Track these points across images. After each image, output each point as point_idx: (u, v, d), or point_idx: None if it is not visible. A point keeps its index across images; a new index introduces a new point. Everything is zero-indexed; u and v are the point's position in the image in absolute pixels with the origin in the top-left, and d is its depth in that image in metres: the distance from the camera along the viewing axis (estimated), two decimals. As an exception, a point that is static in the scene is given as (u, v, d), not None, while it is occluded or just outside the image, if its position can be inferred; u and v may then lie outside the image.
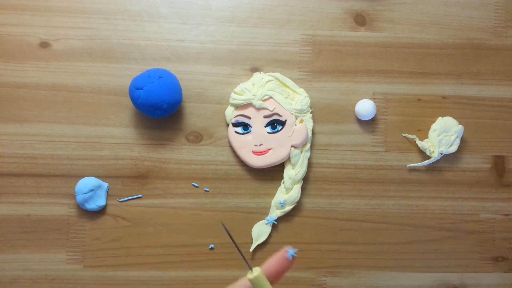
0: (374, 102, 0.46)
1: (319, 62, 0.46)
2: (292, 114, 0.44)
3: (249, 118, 0.44)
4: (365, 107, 0.45)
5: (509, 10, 0.48)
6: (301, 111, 0.44)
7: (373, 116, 0.45)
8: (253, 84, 0.44)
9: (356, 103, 0.46)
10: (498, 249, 0.47)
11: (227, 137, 0.45)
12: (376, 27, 0.47)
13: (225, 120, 0.45)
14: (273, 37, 0.46)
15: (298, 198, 0.44)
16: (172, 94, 0.42)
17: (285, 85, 0.45)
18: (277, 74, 0.45)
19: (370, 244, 0.46)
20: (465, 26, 0.47)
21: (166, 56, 0.45)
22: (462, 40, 0.47)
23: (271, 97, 0.44)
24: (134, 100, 0.41)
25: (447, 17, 0.47)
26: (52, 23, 0.45)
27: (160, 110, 0.41)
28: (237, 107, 0.45)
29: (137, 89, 0.41)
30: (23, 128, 0.44)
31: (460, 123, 0.46)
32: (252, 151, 0.44)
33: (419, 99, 0.47)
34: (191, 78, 0.45)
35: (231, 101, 0.44)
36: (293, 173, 0.44)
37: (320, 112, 0.46)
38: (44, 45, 0.45)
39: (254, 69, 0.46)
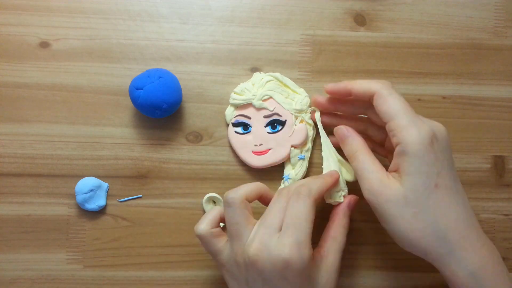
0: (374, 102, 0.46)
1: (319, 62, 0.46)
2: (292, 114, 0.44)
3: (249, 118, 0.44)
4: None
5: (509, 10, 0.48)
6: (301, 111, 0.44)
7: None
8: (253, 84, 0.44)
9: (356, 103, 0.46)
10: (498, 249, 0.47)
11: (227, 137, 0.45)
12: (376, 27, 0.47)
13: (225, 120, 0.45)
14: (273, 37, 0.46)
15: (298, 198, 0.44)
16: (172, 94, 0.42)
17: (285, 85, 0.45)
18: (277, 74, 0.45)
19: (370, 244, 0.46)
20: (465, 26, 0.47)
21: (166, 56, 0.45)
22: (462, 40, 0.47)
23: (271, 97, 0.44)
24: (134, 100, 0.41)
25: (447, 17, 0.47)
26: (52, 23, 0.45)
27: (160, 110, 0.41)
28: (237, 107, 0.45)
29: (137, 89, 0.41)
30: (23, 128, 0.44)
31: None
32: (252, 151, 0.44)
33: (419, 99, 0.47)
34: (191, 78, 0.45)
35: (231, 101, 0.44)
36: (293, 173, 0.44)
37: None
38: (44, 45, 0.45)
39: (254, 69, 0.46)
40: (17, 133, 0.44)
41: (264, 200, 0.39)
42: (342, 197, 0.40)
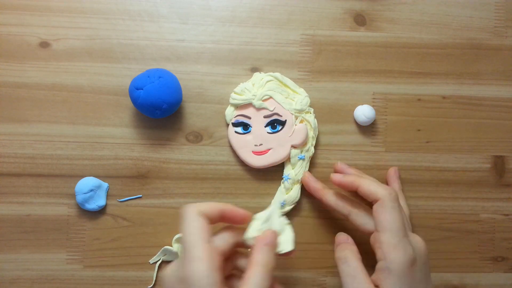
0: (374, 102, 0.46)
1: (319, 62, 0.46)
2: (292, 114, 0.44)
3: (249, 118, 0.44)
4: (365, 113, 0.44)
5: (509, 10, 0.48)
6: (301, 111, 0.44)
7: (372, 121, 0.45)
8: (253, 84, 0.44)
9: (355, 103, 0.46)
10: (498, 249, 0.47)
11: (227, 137, 0.45)
12: (376, 27, 0.47)
13: (225, 120, 0.45)
14: (273, 37, 0.46)
15: (298, 198, 0.44)
16: (172, 94, 0.42)
17: (285, 85, 0.45)
18: (277, 74, 0.45)
19: (370, 244, 0.46)
20: (465, 26, 0.47)
21: (166, 56, 0.45)
22: (462, 40, 0.47)
23: (271, 97, 0.44)
24: (134, 100, 0.41)
25: (447, 17, 0.47)
26: (52, 23, 0.45)
27: (160, 110, 0.41)
28: (237, 107, 0.45)
29: (137, 89, 0.41)
30: (23, 128, 0.44)
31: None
32: (252, 151, 0.44)
33: (419, 99, 0.47)
34: (191, 78, 0.45)
35: (231, 101, 0.44)
36: (293, 173, 0.44)
37: (320, 112, 0.46)
38: (44, 45, 0.45)
39: (254, 69, 0.46)
40: (17, 133, 0.44)
41: (233, 220, 0.36)
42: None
